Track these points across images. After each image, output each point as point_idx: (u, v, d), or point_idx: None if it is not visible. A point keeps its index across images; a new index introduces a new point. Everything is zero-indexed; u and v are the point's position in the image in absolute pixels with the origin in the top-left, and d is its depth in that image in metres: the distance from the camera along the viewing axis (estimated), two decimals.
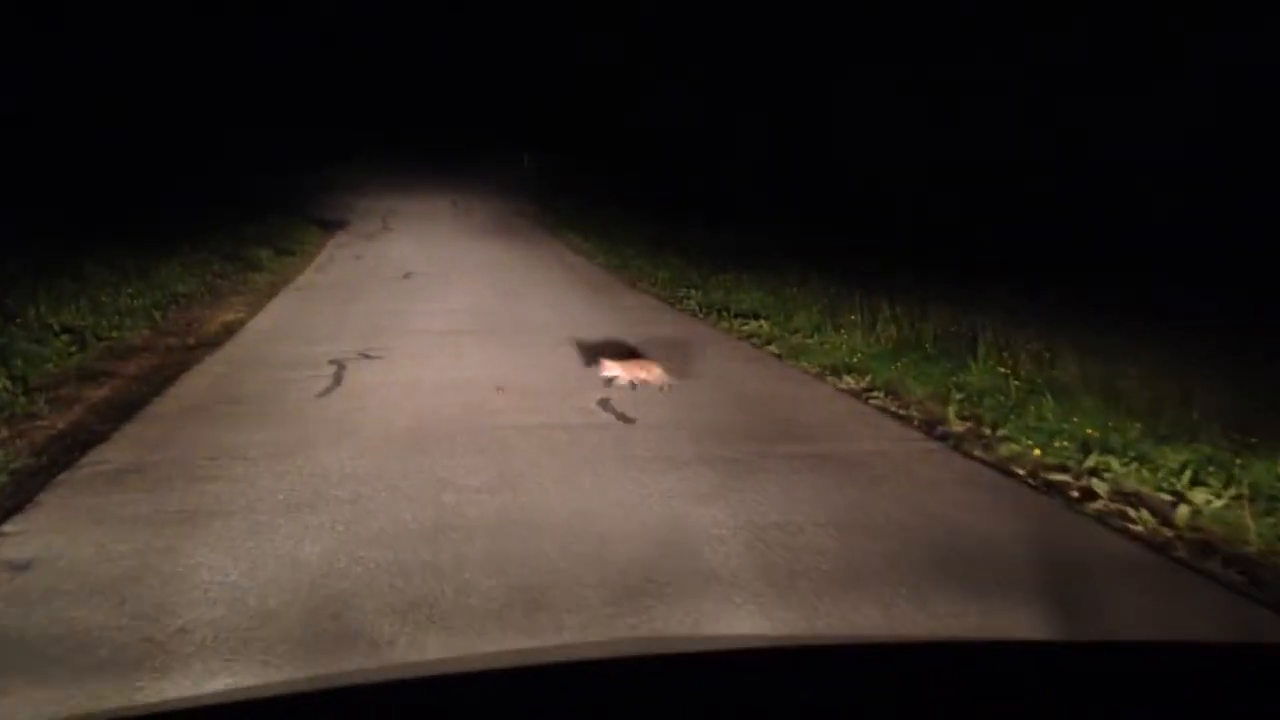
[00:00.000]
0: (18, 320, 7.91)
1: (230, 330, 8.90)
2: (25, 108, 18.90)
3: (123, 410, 6.00)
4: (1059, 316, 7.69)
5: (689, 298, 11.02)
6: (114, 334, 8.26)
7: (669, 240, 15.41)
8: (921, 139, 16.67)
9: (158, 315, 9.29)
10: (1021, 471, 5.05)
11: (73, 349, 7.46)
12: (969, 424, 5.86)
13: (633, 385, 6.31)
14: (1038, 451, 5.18)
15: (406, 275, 12.48)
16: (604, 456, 5.09)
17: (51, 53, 20.46)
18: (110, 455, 5.02)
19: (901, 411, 6.27)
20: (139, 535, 3.91)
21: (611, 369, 6.29)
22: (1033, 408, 5.73)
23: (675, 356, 7.85)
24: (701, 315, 10.09)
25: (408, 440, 5.33)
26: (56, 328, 8.01)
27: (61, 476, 4.70)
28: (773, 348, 8.42)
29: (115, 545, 3.81)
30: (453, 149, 34.35)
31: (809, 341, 8.49)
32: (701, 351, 8.21)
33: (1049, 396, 5.74)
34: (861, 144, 17.79)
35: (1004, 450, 5.35)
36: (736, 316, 9.76)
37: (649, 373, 6.36)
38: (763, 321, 9.42)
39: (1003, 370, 6.49)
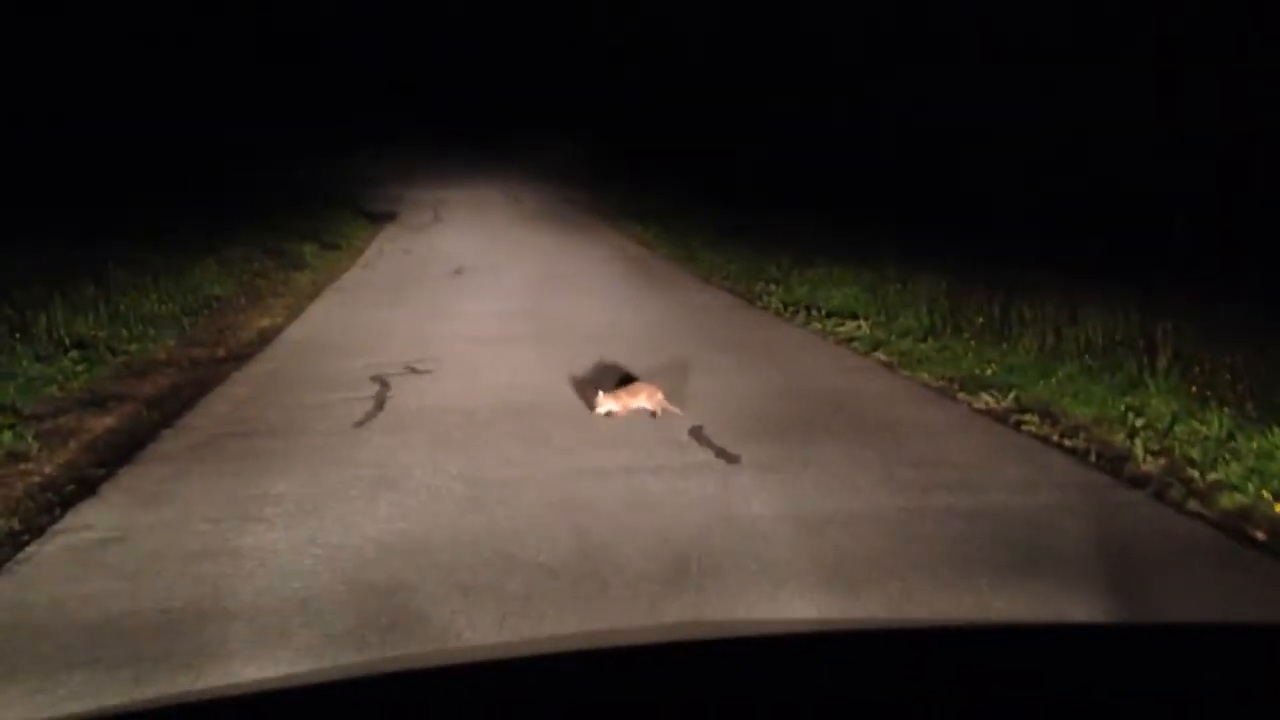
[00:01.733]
0: (18, 335, 6.96)
1: (265, 339, 7.95)
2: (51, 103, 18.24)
3: (125, 447, 5.03)
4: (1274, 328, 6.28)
5: (769, 294, 9.82)
6: (133, 346, 7.31)
7: (735, 230, 14.15)
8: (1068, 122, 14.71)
9: (186, 323, 8.38)
10: (1261, 534, 3.83)
11: (80, 367, 6.53)
12: (1162, 461, 4.63)
13: (608, 414, 5.28)
14: None
15: (458, 271, 11.47)
16: (710, 516, 3.98)
17: (77, 43, 19.83)
18: (95, 516, 4.03)
19: (1066, 442, 5.03)
20: (100, 652, 2.89)
21: (605, 403, 5.25)
22: (1253, 443, 4.46)
23: (768, 366, 6.74)
24: (787, 315, 8.91)
25: (462, 492, 4.26)
26: (68, 341, 7.10)
27: (29, 550, 3.72)
28: (880, 354, 7.22)
29: (59, 675, 2.79)
30: (505, 136, 33.46)
31: (922, 347, 7.25)
32: (797, 360, 7.05)
33: (1276, 429, 4.47)
34: (971, 128, 15.91)
35: (1225, 501, 4.11)
36: (829, 316, 8.55)
37: (651, 399, 5.32)
38: (861, 322, 8.20)
39: (1195, 390, 5.22)
